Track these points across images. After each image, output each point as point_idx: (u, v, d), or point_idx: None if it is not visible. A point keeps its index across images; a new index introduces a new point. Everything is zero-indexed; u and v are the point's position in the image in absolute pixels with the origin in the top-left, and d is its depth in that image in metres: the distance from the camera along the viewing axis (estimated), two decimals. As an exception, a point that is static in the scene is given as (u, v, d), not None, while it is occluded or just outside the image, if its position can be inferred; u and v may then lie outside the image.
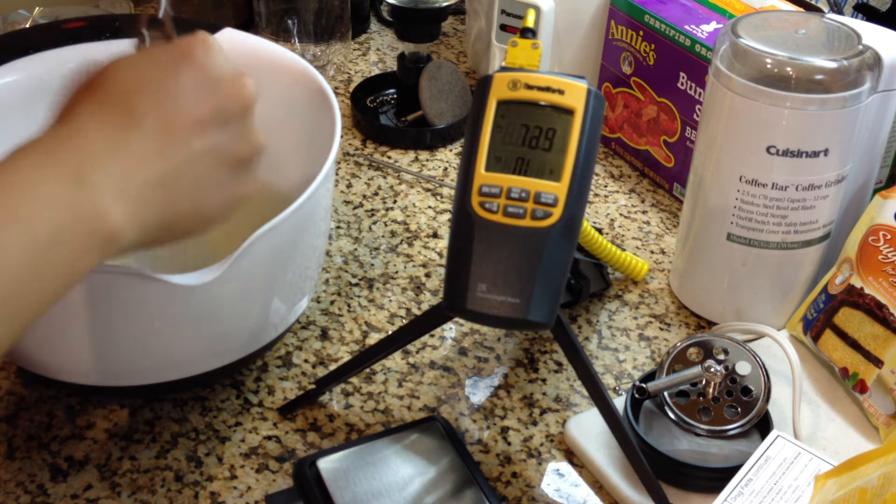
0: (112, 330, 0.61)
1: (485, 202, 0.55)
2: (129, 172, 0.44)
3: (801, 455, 0.60)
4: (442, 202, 0.91)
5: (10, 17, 1.06)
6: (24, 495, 0.63)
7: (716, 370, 0.65)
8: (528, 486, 0.65)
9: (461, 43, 1.18)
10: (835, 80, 0.66)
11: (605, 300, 0.80)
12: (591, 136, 0.55)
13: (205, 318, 0.62)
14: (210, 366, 0.65)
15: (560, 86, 0.55)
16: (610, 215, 0.90)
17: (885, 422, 0.67)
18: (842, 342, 0.70)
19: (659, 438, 0.65)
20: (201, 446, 0.66)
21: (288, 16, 1.05)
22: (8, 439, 0.66)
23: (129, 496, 0.63)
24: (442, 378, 0.73)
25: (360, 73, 1.10)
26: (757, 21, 0.71)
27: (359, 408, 0.70)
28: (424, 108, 0.98)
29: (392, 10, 0.97)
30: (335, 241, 0.85)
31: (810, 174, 0.69)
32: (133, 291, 0.58)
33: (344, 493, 0.60)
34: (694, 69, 0.84)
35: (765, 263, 0.73)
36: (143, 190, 0.45)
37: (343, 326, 0.77)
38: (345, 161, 0.96)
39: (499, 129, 0.55)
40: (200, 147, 0.47)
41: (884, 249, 0.68)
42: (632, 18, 0.90)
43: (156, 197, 0.46)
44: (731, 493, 0.58)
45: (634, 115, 0.94)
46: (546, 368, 0.74)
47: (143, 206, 0.45)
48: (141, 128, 0.45)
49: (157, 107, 0.46)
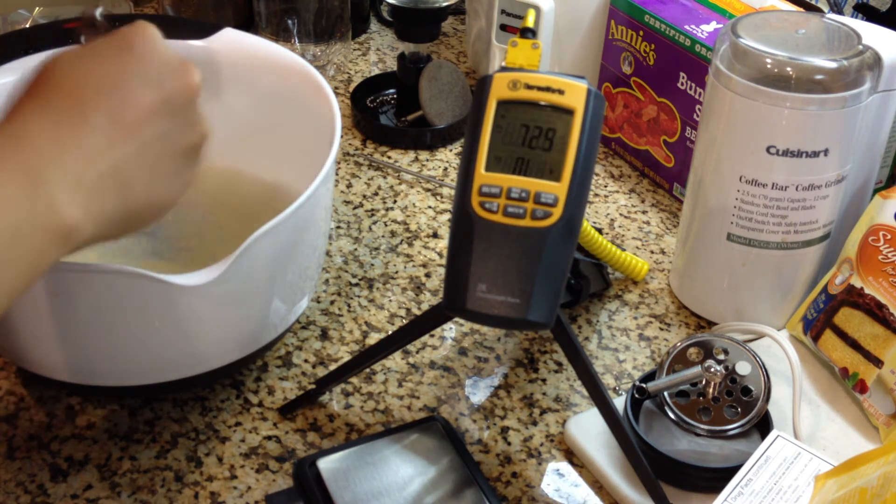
0: (112, 330, 0.61)
1: (485, 202, 0.55)
2: (82, 167, 0.45)
3: (801, 455, 0.60)
4: (442, 202, 0.91)
5: (10, 17, 1.06)
6: (24, 495, 0.63)
7: (716, 370, 0.65)
8: (528, 486, 0.65)
9: (461, 43, 1.18)
10: (835, 80, 0.66)
11: (605, 300, 0.80)
12: (591, 136, 0.55)
13: (205, 318, 0.62)
14: (210, 366, 0.65)
15: (560, 86, 0.55)
16: (610, 215, 0.90)
17: (885, 422, 0.67)
18: (842, 342, 0.70)
19: (659, 438, 0.65)
20: (201, 446, 0.66)
21: (288, 16, 1.05)
22: (8, 439, 0.66)
23: (129, 496, 0.63)
24: (442, 378, 0.73)
25: (360, 73, 1.10)
26: (757, 21, 0.71)
27: (359, 408, 0.70)
28: (424, 108, 0.98)
29: (392, 10, 0.97)
30: (335, 241, 0.85)
31: (810, 174, 0.69)
32: (133, 291, 0.58)
33: (344, 493, 0.60)
34: (694, 69, 0.84)
35: (765, 263, 0.73)
36: (97, 183, 0.45)
37: (343, 326, 0.77)
38: (345, 161, 0.96)
39: (499, 129, 0.55)
40: (150, 137, 0.47)
41: (884, 249, 0.69)
42: (632, 18, 0.90)
43: (110, 189, 0.46)
44: (731, 493, 0.58)
45: (634, 115, 0.94)
46: (546, 368, 0.74)
47: (98, 200, 0.45)
48: (90, 122, 0.45)
49: (105, 99, 0.46)
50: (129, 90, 0.47)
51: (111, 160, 0.46)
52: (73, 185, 0.44)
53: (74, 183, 0.44)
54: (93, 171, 0.45)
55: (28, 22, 1.06)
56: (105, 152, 0.46)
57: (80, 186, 0.44)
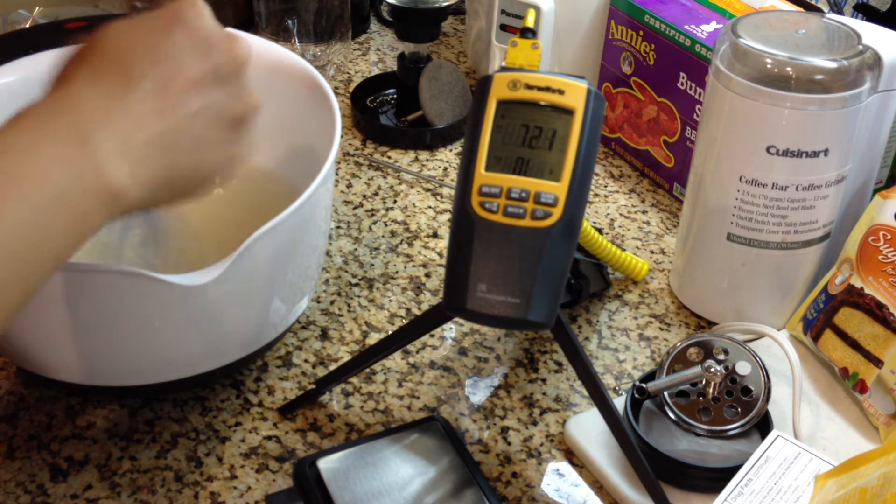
0: (112, 330, 0.61)
1: (485, 202, 0.55)
2: (130, 132, 0.45)
3: (801, 455, 0.60)
4: (442, 202, 0.91)
5: (10, 17, 1.06)
6: (24, 495, 0.63)
7: (716, 370, 0.65)
8: (528, 486, 0.65)
9: (461, 43, 1.18)
10: (835, 80, 0.66)
11: (605, 300, 0.80)
12: (591, 136, 0.55)
13: (205, 318, 0.62)
14: (210, 366, 0.65)
15: (560, 86, 0.55)
16: (610, 215, 0.90)
17: (885, 422, 0.67)
18: (842, 342, 0.70)
19: (659, 438, 0.65)
20: (201, 446, 0.66)
21: (288, 16, 1.05)
22: (8, 439, 0.66)
23: (129, 496, 0.63)
24: (442, 378, 0.73)
25: (360, 73, 1.10)
26: (757, 21, 0.71)
27: (359, 408, 0.70)
28: (424, 108, 0.98)
29: (392, 10, 0.97)
30: (335, 241, 0.85)
31: (810, 174, 0.69)
32: (133, 291, 0.58)
33: (344, 493, 0.60)
34: (694, 69, 0.84)
35: (765, 263, 0.73)
36: (143, 149, 0.46)
37: (343, 326, 0.77)
38: (345, 161, 0.96)
39: (499, 129, 0.55)
40: (198, 106, 0.48)
41: (884, 249, 0.69)
42: (632, 18, 0.90)
43: (156, 155, 0.47)
44: (731, 493, 0.58)
45: (634, 115, 0.94)
46: (546, 368, 0.74)
47: (144, 165, 0.46)
48: (139, 88, 0.46)
49: (154, 67, 0.47)
50: (179, 60, 0.48)
51: (159, 127, 0.47)
52: (120, 149, 0.45)
53: (122, 147, 0.45)
54: (140, 137, 0.46)
55: (28, 22, 1.06)
56: (153, 119, 0.46)
57: (127, 151, 0.45)
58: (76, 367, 0.63)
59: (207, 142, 0.50)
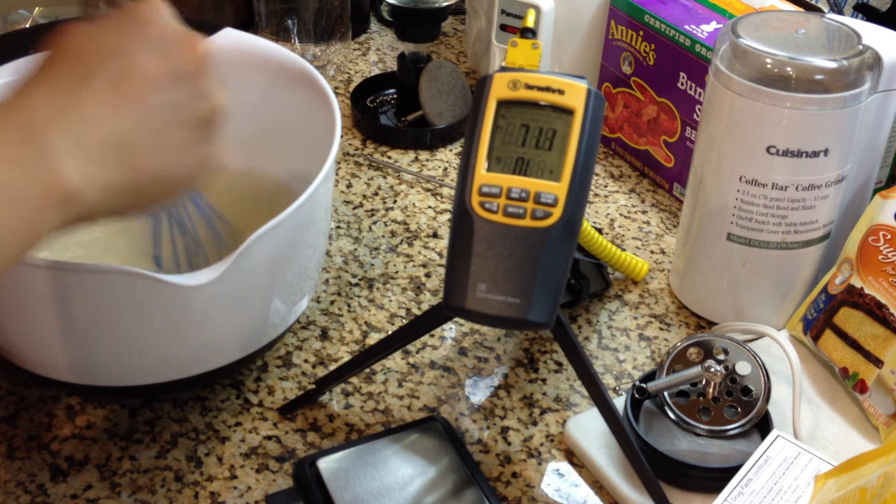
0: (112, 330, 0.61)
1: (485, 202, 0.55)
2: (83, 130, 0.44)
3: (801, 455, 0.60)
4: (442, 202, 0.91)
5: (10, 17, 1.06)
6: (24, 495, 0.63)
7: (716, 370, 0.65)
8: (528, 486, 0.65)
9: (461, 43, 1.18)
10: (835, 80, 0.66)
11: (605, 300, 0.80)
12: (591, 136, 0.55)
13: (205, 318, 0.62)
14: (210, 366, 0.65)
15: (560, 86, 0.55)
16: (610, 215, 0.90)
17: (885, 422, 0.67)
18: (842, 342, 0.70)
19: (659, 438, 0.65)
20: (201, 446, 0.66)
21: (288, 16, 1.05)
22: (8, 439, 0.66)
23: (129, 496, 0.63)
24: (442, 378, 0.73)
25: (360, 73, 1.10)
26: (757, 21, 0.71)
27: (359, 408, 0.70)
28: (424, 108, 0.98)
29: (392, 10, 0.97)
30: (335, 241, 0.85)
31: (810, 174, 0.69)
32: (133, 291, 0.58)
33: (344, 493, 0.60)
34: (694, 69, 0.84)
35: (765, 263, 0.73)
36: (99, 148, 0.45)
37: (343, 326, 0.77)
38: (345, 161, 0.96)
39: (499, 129, 0.56)
40: (154, 105, 0.47)
41: (884, 249, 0.68)
42: (632, 18, 0.90)
43: (115, 156, 0.45)
44: (731, 493, 0.58)
45: (634, 115, 0.94)
46: (546, 368, 0.74)
47: (101, 166, 0.45)
48: (91, 86, 0.45)
49: (107, 65, 0.46)
50: (134, 58, 0.47)
51: (113, 126, 0.45)
52: (73, 148, 0.44)
53: (74, 146, 0.44)
54: (94, 135, 0.45)
55: (28, 22, 1.06)
56: (107, 118, 0.45)
57: (80, 150, 0.44)
58: (76, 367, 0.63)
59: (171, 143, 0.48)
